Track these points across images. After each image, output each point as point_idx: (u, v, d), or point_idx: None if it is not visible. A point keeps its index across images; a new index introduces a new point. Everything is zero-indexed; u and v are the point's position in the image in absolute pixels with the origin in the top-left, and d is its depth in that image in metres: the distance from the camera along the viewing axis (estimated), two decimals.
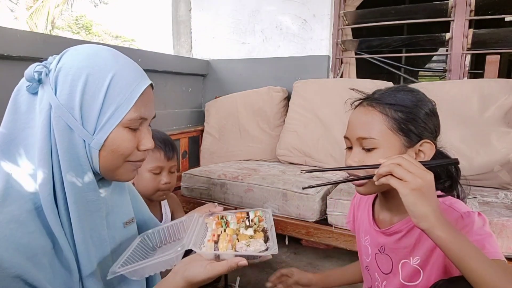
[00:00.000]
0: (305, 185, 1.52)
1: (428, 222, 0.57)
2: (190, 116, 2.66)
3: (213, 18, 2.76)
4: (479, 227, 0.65)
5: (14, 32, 1.51)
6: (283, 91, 2.33)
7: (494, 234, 0.67)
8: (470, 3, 2.00)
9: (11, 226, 0.55)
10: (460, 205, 0.71)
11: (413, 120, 0.71)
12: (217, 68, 2.77)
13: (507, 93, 1.64)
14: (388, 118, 0.71)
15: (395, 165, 0.60)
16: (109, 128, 0.65)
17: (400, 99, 0.72)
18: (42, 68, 0.62)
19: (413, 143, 0.71)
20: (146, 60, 2.14)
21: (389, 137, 0.70)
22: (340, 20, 2.35)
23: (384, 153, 0.70)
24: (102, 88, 0.64)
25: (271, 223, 0.73)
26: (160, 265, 0.66)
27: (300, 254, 1.95)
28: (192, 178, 1.85)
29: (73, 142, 0.63)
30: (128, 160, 0.69)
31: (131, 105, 0.66)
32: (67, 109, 0.62)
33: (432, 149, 0.72)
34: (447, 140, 0.83)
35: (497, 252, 0.62)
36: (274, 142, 2.23)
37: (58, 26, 12.04)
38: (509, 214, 1.19)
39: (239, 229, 0.72)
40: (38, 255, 0.57)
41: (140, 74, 0.70)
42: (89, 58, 0.65)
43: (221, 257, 0.62)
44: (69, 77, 0.63)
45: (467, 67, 2.06)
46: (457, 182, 0.77)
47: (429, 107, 0.75)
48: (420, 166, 0.60)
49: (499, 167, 1.54)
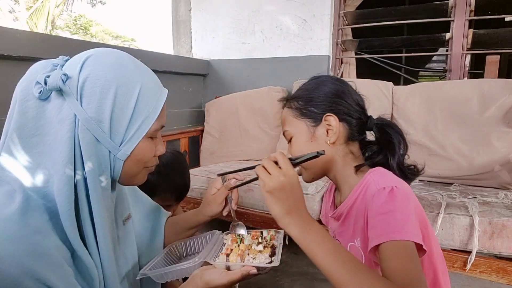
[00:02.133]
0: (305, 185, 1.52)
1: (281, 222, 0.62)
2: (190, 116, 2.66)
3: (213, 18, 2.76)
4: (382, 204, 0.65)
5: (14, 32, 1.51)
6: (283, 91, 2.32)
7: (407, 209, 0.64)
8: (470, 3, 2.00)
9: (37, 237, 0.55)
10: (382, 179, 0.70)
11: (310, 101, 0.78)
12: (217, 68, 2.77)
13: (507, 93, 1.63)
14: (292, 109, 0.81)
15: (260, 167, 0.64)
16: (136, 140, 0.65)
17: (302, 90, 0.81)
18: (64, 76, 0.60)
19: (318, 121, 0.77)
20: (146, 60, 2.12)
21: (296, 124, 0.79)
22: (340, 20, 2.35)
23: (297, 139, 0.79)
24: (131, 100, 0.63)
25: (280, 242, 0.81)
26: (180, 272, 0.75)
27: (300, 254, 1.95)
28: (192, 178, 1.85)
29: (99, 153, 0.63)
30: (146, 166, 0.71)
31: (157, 116, 0.67)
32: (96, 122, 0.61)
33: (336, 120, 0.76)
34: (447, 140, 0.84)
35: (398, 232, 0.60)
36: (274, 142, 2.23)
37: (57, 26, 12.02)
38: (509, 214, 1.19)
39: (251, 245, 0.80)
40: (64, 266, 0.57)
41: (159, 83, 0.71)
42: (116, 69, 0.63)
43: (231, 267, 0.70)
44: (97, 88, 0.61)
45: (467, 67, 2.06)
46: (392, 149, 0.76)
47: (328, 86, 0.79)
48: (285, 166, 0.63)
49: (499, 167, 1.54)
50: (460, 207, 1.25)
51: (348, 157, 0.78)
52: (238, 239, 0.84)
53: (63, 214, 0.59)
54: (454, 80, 2.02)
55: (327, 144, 0.76)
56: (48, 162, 0.60)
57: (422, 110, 1.78)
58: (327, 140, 0.76)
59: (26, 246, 0.52)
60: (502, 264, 1.17)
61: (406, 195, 0.67)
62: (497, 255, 1.20)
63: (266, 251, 0.76)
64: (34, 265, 0.52)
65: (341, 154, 0.78)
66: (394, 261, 0.58)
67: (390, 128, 0.78)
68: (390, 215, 0.63)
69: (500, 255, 1.19)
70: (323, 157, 0.68)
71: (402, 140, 0.77)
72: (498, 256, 1.20)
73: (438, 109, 1.75)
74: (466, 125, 1.67)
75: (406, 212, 0.64)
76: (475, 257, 1.17)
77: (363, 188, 0.73)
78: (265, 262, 0.72)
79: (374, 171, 0.74)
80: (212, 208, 0.90)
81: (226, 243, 0.84)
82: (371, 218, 0.66)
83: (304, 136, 0.78)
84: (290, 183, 0.62)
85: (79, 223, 0.62)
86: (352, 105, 0.78)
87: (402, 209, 0.64)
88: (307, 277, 1.82)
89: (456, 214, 1.23)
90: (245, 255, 0.75)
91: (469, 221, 1.20)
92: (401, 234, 0.60)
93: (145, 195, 0.95)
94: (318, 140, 0.77)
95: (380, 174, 0.73)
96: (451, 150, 1.65)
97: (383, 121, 0.80)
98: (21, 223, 0.54)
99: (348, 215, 0.78)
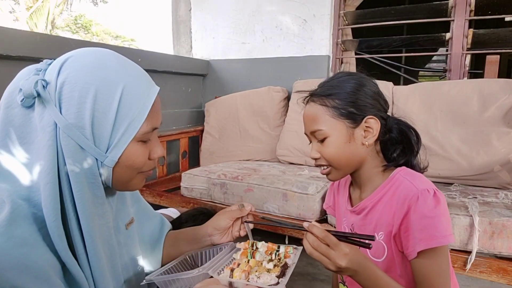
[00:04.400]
0: (305, 185, 1.52)
1: (351, 276, 0.67)
2: (190, 116, 2.66)
3: (213, 18, 2.76)
4: (430, 208, 0.69)
5: (14, 32, 1.51)
6: (283, 91, 2.32)
7: (447, 213, 0.71)
8: (470, 3, 2.00)
9: (24, 250, 0.52)
10: (419, 181, 0.73)
11: (351, 103, 0.76)
12: (217, 68, 2.77)
13: (507, 93, 1.63)
14: (328, 107, 0.76)
15: (311, 248, 0.67)
16: (123, 145, 0.61)
17: (337, 88, 0.78)
18: (41, 82, 0.57)
19: (358, 122, 0.76)
20: (146, 60, 2.14)
21: (333, 124, 0.76)
22: (340, 20, 2.35)
23: (334, 140, 0.76)
24: (113, 103, 0.59)
25: (294, 261, 0.76)
26: (183, 282, 0.73)
27: (300, 254, 1.95)
28: (192, 178, 1.85)
29: (84, 161, 0.59)
30: (140, 171, 0.67)
31: (144, 118, 0.62)
32: (77, 129, 0.58)
33: (377, 123, 0.76)
34: (447, 140, 0.85)
35: (445, 236, 0.67)
36: (274, 142, 2.23)
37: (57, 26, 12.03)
38: (509, 214, 1.19)
39: (262, 262, 0.75)
40: (53, 277, 0.55)
41: (148, 82, 0.66)
42: (95, 70, 0.60)
43: (234, 284, 0.68)
44: (76, 93, 0.57)
45: (467, 67, 2.06)
46: (412, 147, 0.80)
47: (368, 87, 0.78)
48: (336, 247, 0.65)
49: (499, 167, 1.54)
50: (460, 207, 1.25)
51: (377, 157, 0.80)
52: (249, 253, 0.79)
53: (50, 224, 0.56)
54: (454, 80, 2.02)
55: (363, 145, 0.77)
56: (34, 171, 0.58)
57: (422, 110, 1.78)
58: (365, 141, 0.76)
59: (10, 259, 0.50)
60: (502, 264, 1.17)
61: (444, 197, 0.72)
62: (497, 255, 1.20)
63: (275, 271, 0.72)
64: (18, 279, 0.49)
65: (372, 154, 0.80)
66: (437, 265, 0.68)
67: (408, 128, 0.80)
68: (438, 220, 0.68)
69: (500, 255, 1.19)
70: (356, 157, 0.77)
71: (419, 141, 0.80)
72: (498, 256, 1.20)
73: (438, 109, 1.75)
74: (466, 125, 1.67)
75: (448, 214, 0.70)
76: (475, 257, 1.17)
77: (392, 185, 0.76)
78: (270, 283, 0.67)
79: (402, 170, 0.77)
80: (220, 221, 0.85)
81: (235, 256, 0.80)
82: (418, 219, 0.69)
83: (344, 137, 0.76)
84: (356, 258, 0.65)
85: (68, 233, 0.59)
86: (384, 106, 0.80)
87: (445, 212, 0.70)
88: (307, 277, 1.82)
89: (456, 214, 1.23)
90: (252, 271, 0.71)
91: (469, 221, 1.20)
92: (447, 239, 0.67)
93: (147, 204, 0.93)
94: (356, 141, 0.77)
95: (412, 174, 0.76)
96: (451, 150, 1.65)
97: (399, 122, 0.81)
98: (7, 235, 0.51)
99: (373, 209, 0.79)
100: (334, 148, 0.76)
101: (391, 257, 0.76)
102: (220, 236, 0.87)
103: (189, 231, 0.93)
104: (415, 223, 0.69)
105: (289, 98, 2.30)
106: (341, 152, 0.76)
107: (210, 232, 0.87)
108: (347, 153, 0.76)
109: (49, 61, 0.62)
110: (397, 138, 0.80)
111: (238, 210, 0.86)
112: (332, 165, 0.78)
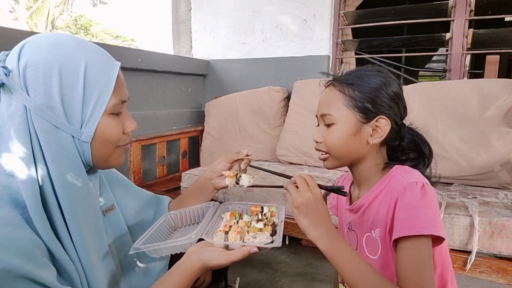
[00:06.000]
0: None
1: (310, 234, 0.66)
2: (190, 116, 2.66)
3: (213, 18, 2.76)
4: (416, 199, 0.68)
5: (14, 32, 1.51)
6: (283, 91, 2.32)
7: (435, 206, 0.69)
8: (470, 3, 2.00)
9: (7, 229, 0.53)
10: (410, 174, 0.73)
11: (370, 98, 0.75)
12: (217, 68, 2.77)
13: (507, 93, 1.63)
14: (346, 96, 0.75)
15: (290, 183, 0.69)
16: (96, 118, 0.63)
17: (362, 80, 0.76)
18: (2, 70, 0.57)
19: (369, 119, 0.75)
20: (146, 60, 2.14)
21: (345, 113, 0.75)
22: (340, 20, 2.35)
23: (340, 128, 0.75)
24: (78, 78, 0.61)
25: (281, 219, 0.78)
26: (175, 248, 0.73)
27: (300, 254, 1.95)
28: (192, 178, 1.85)
29: (60, 140, 0.61)
30: (117, 145, 0.69)
31: (111, 91, 0.64)
32: (48, 108, 0.59)
33: (388, 125, 0.75)
34: (447, 140, 0.85)
35: (426, 227, 0.65)
36: (274, 142, 2.23)
37: (57, 27, 12.03)
38: (509, 214, 1.19)
39: (251, 222, 0.77)
40: (38, 256, 0.56)
41: (109, 57, 0.68)
42: (55, 50, 0.61)
43: (230, 246, 0.68)
44: (40, 73, 0.58)
45: (467, 67, 2.06)
46: (424, 159, 0.80)
47: (392, 89, 0.77)
48: (312, 184, 0.68)
49: (499, 167, 1.54)
50: (460, 207, 1.25)
51: (379, 158, 0.79)
52: (237, 213, 0.82)
53: (31, 208, 0.57)
54: (454, 80, 2.02)
55: (367, 143, 0.76)
56: (9, 158, 0.59)
57: (422, 110, 1.78)
58: (370, 140, 0.75)
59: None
60: (502, 264, 1.17)
61: (434, 192, 0.71)
62: (497, 255, 1.20)
63: (266, 230, 0.73)
64: (4, 256, 0.50)
65: (374, 154, 0.79)
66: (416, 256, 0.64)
67: (422, 142, 0.80)
68: (421, 210, 0.67)
69: (500, 255, 1.19)
70: (357, 152, 0.76)
71: (431, 155, 0.80)
72: (498, 256, 1.20)
73: (438, 109, 1.74)
74: (466, 125, 1.67)
75: (436, 208, 0.69)
76: (475, 257, 1.17)
77: (388, 182, 0.75)
78: (266, 242, 0.69)
79: (400, 167, 0.76)
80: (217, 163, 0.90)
81: (224, 218, 0.82)
82: (402, 209, 0.68)
83: (351, 129, 0.75)
84: (315, 200, 0.66)
85: (50, 217, 0.59)
86: (401, 112, 0.79)
87: (432, 205, 0.68)
88: (307, 278, 1.82)
89: (456, 214, 1.23)
90: (244, 233, 0.72)
91: (469, 221, 1.20)
92: (428, 230, 0.64)
93: (139, 188, 0.94)
94: (361, 137, 0.76)
95: (407, 170, 0.75)
96: (451, 150, 1.65)
97: (414, 133, 0.81)
98: None
99: (369, 207, 0.79)
100: (338, 136, 0.75)
101: (385, 255, 0.75)
102: (220, 179, 0.92)
103: (191, 186, 0.97)
104: (399, 212, 0.69)
105: (289, 98, 2.30)
106: (343, 142, 0.75)
107: (209, 175, 0.92)
108: (349, 145, 0.75)
109: (6, 52, 0.63)
110: (406, 147, 0.79)
111: (235, 153, 0.91)
112: (331, 153, 0.78)
